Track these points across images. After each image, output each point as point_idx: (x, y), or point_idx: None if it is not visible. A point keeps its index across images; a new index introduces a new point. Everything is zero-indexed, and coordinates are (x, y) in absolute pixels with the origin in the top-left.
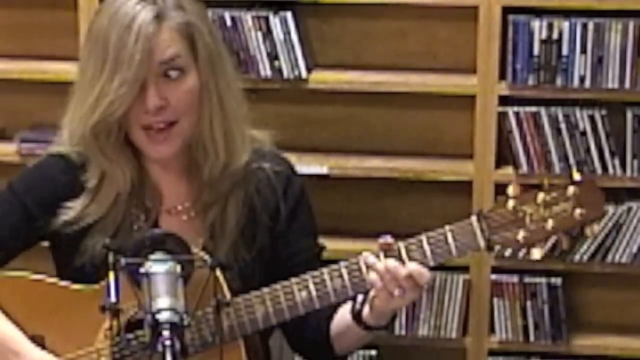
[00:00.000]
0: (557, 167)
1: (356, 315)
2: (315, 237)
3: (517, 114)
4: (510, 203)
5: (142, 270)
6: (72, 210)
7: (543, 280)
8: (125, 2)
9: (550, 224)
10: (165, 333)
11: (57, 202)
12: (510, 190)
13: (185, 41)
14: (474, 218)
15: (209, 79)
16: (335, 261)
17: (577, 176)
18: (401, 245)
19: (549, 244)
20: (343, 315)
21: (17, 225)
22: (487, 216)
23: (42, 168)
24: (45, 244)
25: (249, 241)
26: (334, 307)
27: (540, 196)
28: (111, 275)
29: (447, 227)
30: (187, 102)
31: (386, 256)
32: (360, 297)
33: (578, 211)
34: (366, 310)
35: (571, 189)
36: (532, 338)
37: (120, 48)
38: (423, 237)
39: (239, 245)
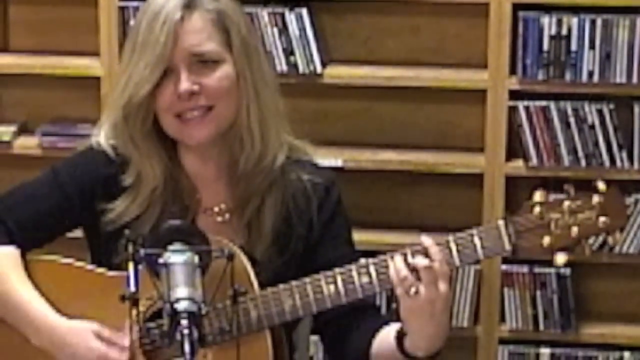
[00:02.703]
0: (566, 160)
1: (400, 337)
2: (351, 245)
3: (527, 108)
4: (537, 209)
5: (160, 260)
6: (114, 210)
7: (552, 270)
8: None
9: (574, 230)
10: (184, 322)
11: (95, 193)
12: (537, 196)
13: (219, 31)
14: (501, 222)
15: (244, 69)
16: None
17: (601, 185)
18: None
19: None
20: (387, 336)
21: (55, 209)
22: (514, 221)
23: (85, 157)
24: (78, 234)
25: (283, 246)
26: (378, 326)
27: (566, 204)
28: (130, 265)
29: (474, 230)
30: (222, 89)
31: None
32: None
33: (602, 219)
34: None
35: (596, 198)
36: (541, 327)
37: (149, 34)
38: (451, 239)
39: (273, 248)
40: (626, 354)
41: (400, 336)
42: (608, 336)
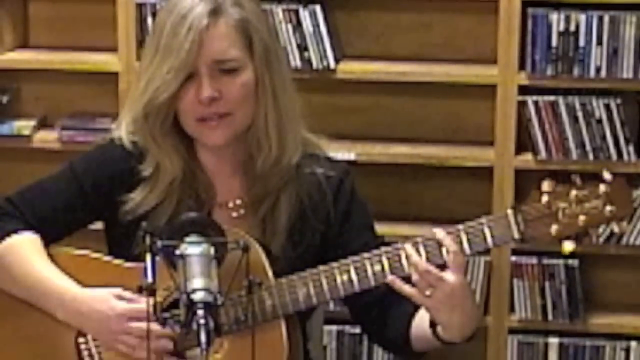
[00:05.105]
0: (574, 154)
1: (433, 325)
2: (373, 231)
3: (536, 103)
4: (545, 198)
5: (177, 252)
6: (132, 200)
7: (561, 261)
8: None
9: (581, 219)
10: (200, 312)
11: (112, 187)
12: (545, 185)
13: (242, 37)
14: (510, 211)
15: (264, 75)
16: None
17: (607, 175)
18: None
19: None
20: (422, 323)
21: (72, 203)
22: (522, 210)
23: (102, 152)
24: (96, 226)
25: (298, 240)
26: (413, 309)
27: (573, 192)
28: (148, 256)
29: (484, 219)
30: (241, 96)
31: (425, 248)
32: None
33: (608, 208)
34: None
35: (602, 187)
36: (550, 317)
37: (173, 37)
38: (461, 228)
39: (288, 243)
40: (633, 344)
41: (434, 324)
42: (615, 326)
